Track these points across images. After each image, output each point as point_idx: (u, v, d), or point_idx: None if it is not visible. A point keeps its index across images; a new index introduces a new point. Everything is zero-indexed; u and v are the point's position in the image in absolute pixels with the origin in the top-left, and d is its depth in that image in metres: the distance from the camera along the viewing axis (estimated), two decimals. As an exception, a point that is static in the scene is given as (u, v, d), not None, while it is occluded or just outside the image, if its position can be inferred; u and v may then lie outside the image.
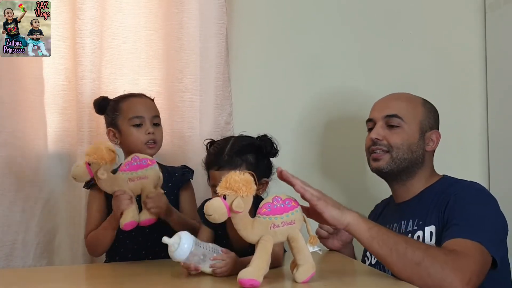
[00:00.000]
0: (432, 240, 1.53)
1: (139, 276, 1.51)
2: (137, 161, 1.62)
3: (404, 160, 1.66)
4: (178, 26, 1.97)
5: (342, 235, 1.70)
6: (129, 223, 1.56)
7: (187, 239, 1.35)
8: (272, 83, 2.15)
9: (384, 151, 1.68)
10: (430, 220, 1.56)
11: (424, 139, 1.68)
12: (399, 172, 1.67)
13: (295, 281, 1.30)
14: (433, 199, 1.60)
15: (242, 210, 1.27)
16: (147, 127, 1.74)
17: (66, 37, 1.93)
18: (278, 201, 1.32)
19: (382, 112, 1.70)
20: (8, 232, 1.86)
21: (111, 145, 1.61)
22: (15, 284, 1.46)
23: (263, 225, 1.30)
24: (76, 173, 1.58)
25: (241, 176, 1.28)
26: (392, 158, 1.66)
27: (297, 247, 1.31)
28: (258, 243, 1.29)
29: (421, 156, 1.67)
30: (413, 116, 1.68)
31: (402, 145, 1.65)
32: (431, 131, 1.69)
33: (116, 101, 1.78)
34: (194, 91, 1.98)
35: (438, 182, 1.67)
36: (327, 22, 2.20)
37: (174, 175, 1.78)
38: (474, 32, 2.28)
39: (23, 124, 1.89)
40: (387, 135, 1.68)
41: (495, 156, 2.22)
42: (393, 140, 1.66)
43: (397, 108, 1.68)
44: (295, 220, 1.31)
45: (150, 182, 1.61)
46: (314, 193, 1.35)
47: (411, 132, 1.67)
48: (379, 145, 1.68)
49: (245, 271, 1.27)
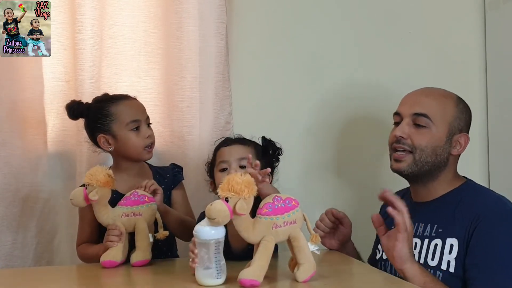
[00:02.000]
0: (451, 253, 1.49)
1: (139, 276, 1.52)
2: (135, 196, 1.61)
3: (427, 163, 1.57)
4: (177, 25, 1.97)
5: (339, 234, 1.70)
6: (107, 262, 1.54)
7: (220, 230, 1.30)
8: (272, 83, 2.15)
9: (407, 152, 1.59)
10: (453, 232, 1.50)
11: (451, 142, 1.59)
12: (420, 175, 1.59)
13: (296, 280, 1.31)
14: (456, 207, 1.53)
15: (245, 212, 1.27)
16: (145, 131, 1.74)
17: (66, 36, 1.92)
18: (279, 201, 1.32)
19: (411, 108, 1.60)
20: (7, 232, 1.86)
21: (110, 171, 1.60)
22: (14, 285, 1.47)
23: (265, 226, 1.29)
24: (73, 194, 1.58)
25: (243, 178, 1.28)
26: (414, 160, 1.58)
27: (298, 247, 1.31)
28: (260, 244, 1.29)
29: (445, 159, 1.59)
30: (443, 117, 1.59)
31: (427, 147, 1.57)
32: (460, 134, 1.61)
33: (103, 106, 1.74)
34: (194, 90, 1.98)
35: (461, 188, 1.60)
36: (327, 21, 2.19)
37: (166, 176, 1.79)
38: (474, 31, 2.27)
39: (23, 123, 1.89)
40: (412, 134, 1.59)
41: (495, 156, 2.22)
42: (417, 141, 1.58)
43: (427, 106, 1.59)
44: (296, 219, 1.32)
45: (144, 219, 1.59)
46: (407, 224, 1.40)
47: (438, 134, 1.58)
48: (402, 143, 1.59)
49: (246, 271, 1.27)
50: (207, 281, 1.30)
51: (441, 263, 1.50)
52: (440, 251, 1.51)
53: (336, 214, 1.70)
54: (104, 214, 1.59)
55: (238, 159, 1.61)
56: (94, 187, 1.55)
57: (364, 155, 2.19)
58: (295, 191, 1.50)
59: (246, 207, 1.27)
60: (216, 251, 1.29)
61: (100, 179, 1.56)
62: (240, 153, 1.63)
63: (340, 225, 1.71)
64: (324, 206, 1.77)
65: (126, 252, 1.58)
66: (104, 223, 1.60)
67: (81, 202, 1.58)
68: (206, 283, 1.30)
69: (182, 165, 1.88)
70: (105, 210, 1.59)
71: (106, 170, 1.60)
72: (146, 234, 1.58)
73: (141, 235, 1.58)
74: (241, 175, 1.29)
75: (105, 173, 1.58)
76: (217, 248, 1.29)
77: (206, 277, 1.30)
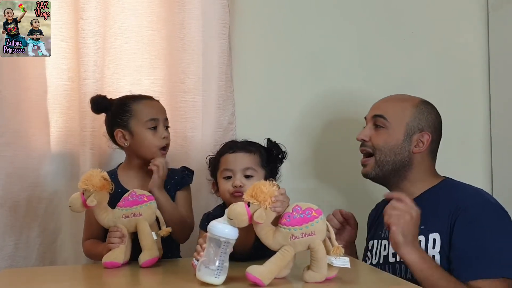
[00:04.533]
0: (435, 247, 1.53)
1: (142, 276, 1.52)
2: (133, 197, 1.60)
3: (387, 162, 1.65)
4: (180, 26, 1.97)
5: (345, 235, 1.71)
6: (109, 263, 1.54)
7: (233, 231, 1.29)
8: (275, 83, 2.15)
9: (368, 154, 1.68)
10: (434, 227, 1.54)
11: (410, 141, 1.64)
12: (385, 176, 1.66)
13: (302, 279, 1.31)
14: (435, 204, 1.58)
15: (263, 221, 1.27)
16: (162, 131, 1.74)
17: (69, 37, 1.93)
18: (298, 211, 1.31)
19: (372, 111, 1.71)
20: (11, 232, 1.86)
21: (105, 174, 1.58)
22: (18, 284, 1.47)
23: (284, 236, 1.30)
24: (71, 201, 1.56)
25: (269, 188, 1.29)
26: (376, 161, 1.66)
27: (316, 258, 1.30)
28: (279, 250, 1.30)
29: (407, 158, 1.64)
30: (399, 117, 1.65)
31: (384, 147, 1.65)
32: (420, 132, 1.65)
33: (125, 102, 1.76)
34: (197, 91, 1.98)
35: (440, 185, 1.65)
36: (329, 22, 2.19)
37: (173, 178, 1.78)
38: (476, 32, 2.27)
39: (26, 124, 1.89)
40: (372, 135, 1.68)
41: (498, 157, 2.21)
42: (376, 141, 1.66)
43: (385, 108, 1.68)
44: (315, 231, 1.29)
45: (145, 219, 1.59)
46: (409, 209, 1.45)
47: (395, 133, 1.65)
48: (365, 146, 1.69)
49: (256, 268, 1.27)
50: (206, 278, 1.29)
51: None
52: (425, 246, 1.54)
53: (345, 214, 1.72)
54: (105, 217, 1.58)
55: (243, 169, 1.61)
56: (90, 192, 1.54)
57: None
58: (297, 192, 1.50)
59: (265, 217, 1.27)
60: (223, 250, 1.28)
61: (95, 183, 1.54)
62: (245, 163, 1.62)
63: (347, 226, 1.72)
64: (326, 207, 1.77)
65: (128, 253, 1.58)
66: (105, 226, 1.60)
67: (79, 208, 1.57)
68: (204, 279, 1.29)
69: (185, 166, 1.88)
70: (105, 212, 1.58)
71: (101, 173, 1.57)
72: (148, 233, 1.58)
73: (143, 235, 1.58)
74: (269, 185, 1.29)
75: (100, 177, 1.55)
76: (225, 248, 1.29)
77: (206, 274, 1.29)
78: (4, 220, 1.85)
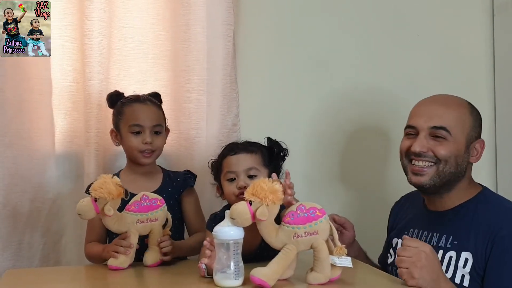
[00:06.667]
0: (466, 267, 1.48)
1: (146, 277, 1.52)
2: (146, 201, 1.59)
3: (449, 173, 1.54)
4: (185, 27, 1.97)
5: (344, 238, 1.70)
6: (114, 267, 1.54)
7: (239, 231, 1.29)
8: (279, 85, 2.15)
9: (430, 164, 1.55)
10: (468, 245, 1.49)
11: (469, 150, 1.57)
12: (440, 186, 1.56)
13: (305, 281, 1.30)
14: (472, 220, 1.52)
15: (266, 218, 1.28)
16: (145, 137, 1.74)
17: (74, 38, 1.93)
18: (302, 210, 1.31)
19: (429, 122, 1.56)
20: (14, 232, 1.86)
21: (117, 180, 1.55)
22: (21, 285, 1.47)
23: (286, 234, 1.30)
24: (82, 209, 1.50)
25: (269, 184, 1.29)
26: (437, 172, 1.54)
27: (318, 258, 1.30)
28: (282, 250, 1.30)
29: (465, 168, 1.56)
30: (461, 127, 1.56)
31: (450, 157, 1.54)
32: (477, 140, 1.58)
33: (123, 103, 1.79)
34: (201, 92, 1.98)
35: (478, 197, 1.57)
36: (334, 24, 2.19)
37: (176, 180, 1.79)
38: (481, 34, 2.27)
39: (30, 124, 1.89)
40: (432, 146, 1.55)
41: (502, 159, 2.21)
42: (440, 152, 1.54)
43: (445, 119, 1.55)
44: (319, 230, 1.30)
45: (160, 223, 1.60)
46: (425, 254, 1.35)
47: (458, 144, 1.55)
48: (423, 156, 1.56)
49: (259, 270, 1.27)
50: (225, 283, 1.29)
51: (454, 276, 1.49)
52: (454, 264, 1.49)
53: (338, 220, 1.71)
54: (115, 222, 1.55)
55: (246, 170, 1.61)
56: (106, 200, 1.50)
57: (371, 158, 2.19)
58: (300, 194, 1.50)
59: (267, 214, 1.27)
60: (234, 251, 1.29)
61: (112, 191, 1.50)
62: (247, 163, 1.62)
63: (344, 230, 1.72)
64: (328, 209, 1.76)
65: (133, 257, 1.57)
66: (116, 231, 1.58)
67: (91, 216, 1.53)
68: (225, 284, 1.29)
69: (189, 167, 1.88)
70: (115, 217, 1.55)
71: (113, 179, 1.54)
72: (160, 235, 1.59)
73: (156, 236, 1.59)
74: (268, 181, 1.30)
75: (115, 184, 1.52)
76: (236, 249, 1.29)
77: (224, 279, 1.29)
78: (8, 221, 1.85)
